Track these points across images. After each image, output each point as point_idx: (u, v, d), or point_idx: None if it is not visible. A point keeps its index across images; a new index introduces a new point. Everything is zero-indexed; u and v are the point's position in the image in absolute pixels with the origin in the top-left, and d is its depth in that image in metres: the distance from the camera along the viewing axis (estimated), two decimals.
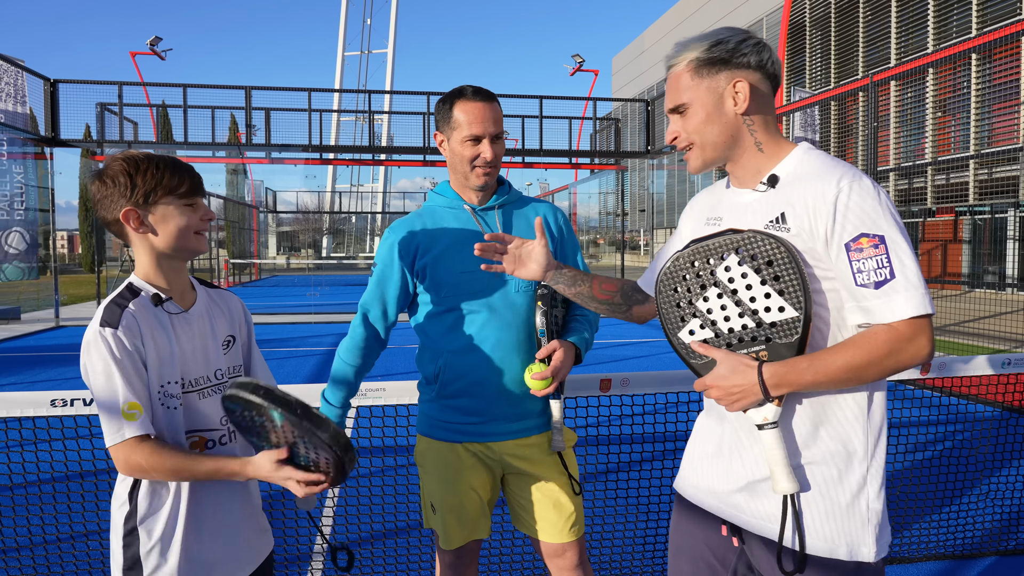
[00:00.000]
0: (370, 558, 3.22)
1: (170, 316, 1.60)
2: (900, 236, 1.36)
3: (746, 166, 1.54)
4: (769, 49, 1.49)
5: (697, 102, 1.50)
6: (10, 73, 12.22)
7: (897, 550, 3.37)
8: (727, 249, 1.42)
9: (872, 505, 1.44)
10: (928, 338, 1.35)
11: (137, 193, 1.54)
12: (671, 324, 1.50)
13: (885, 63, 19.76)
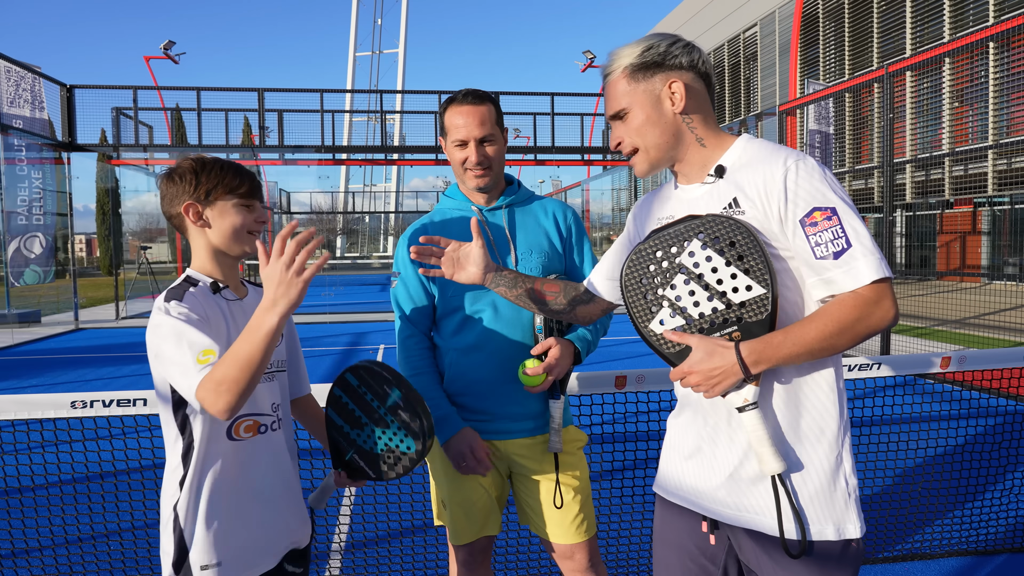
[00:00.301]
0: (387, 556, 3.23)
1: (228, 303, 1.70)
2: (849, 207, 1.41)
3: (691, 162, 1.58)
4: (698, 50, 1.55)
5: (636, 106, 1.55)
6: (27, 80, 12.36)
7: (919, 546, 3.33)
8: (689, 235, 1.45)
9: (851, 481, 1.47)
10: (892, 300, 1.39)
11: (200, 189, 1.66)
12: (640, 316, 1.51)
13: (900, 54, 19.55)
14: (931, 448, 4.32)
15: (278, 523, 1.74)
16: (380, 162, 19.51)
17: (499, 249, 2.09)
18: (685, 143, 1.56)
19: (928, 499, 3.79)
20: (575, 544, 2.13)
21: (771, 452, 1.43)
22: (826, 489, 1.45)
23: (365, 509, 3.68)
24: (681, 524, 1.65)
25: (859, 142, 18.75)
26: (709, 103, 1.57)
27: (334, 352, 10.03)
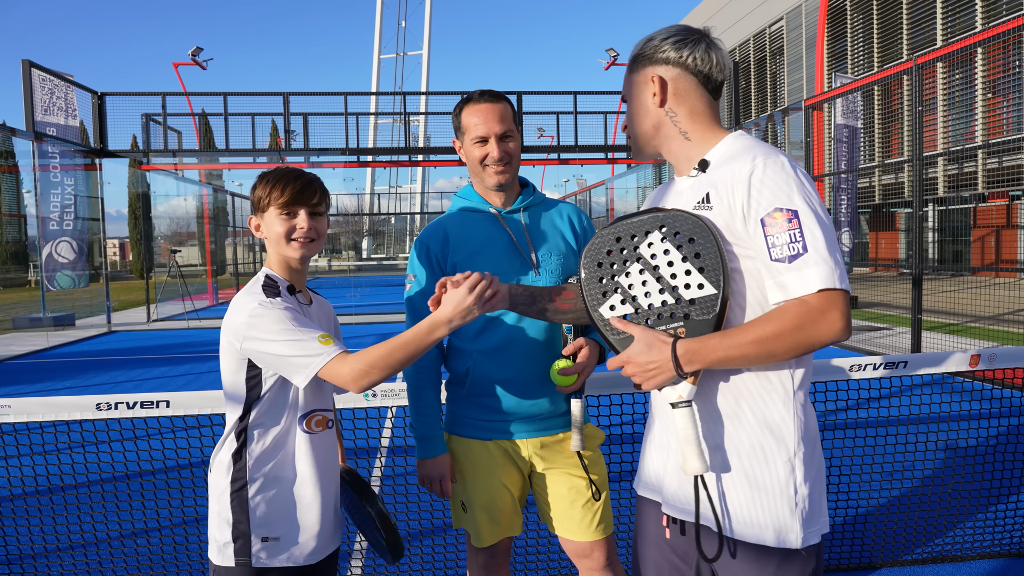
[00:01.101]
0: (407, 557, 3.24)
1: (301, 306, 1.84)
2: (813, 211, 1.37)
3: (677, 155, 1.59)
4: (696, 46, 1.53)
5: (629, 95, 1.62)
6: (61, 88, 12.66)
7: (949, 548, 3.26)
8: (651, 226, 1.47)
9: (800, 491, 1.43)
10: (841, 313, 1.35)
11: (256, 202, 1.82)
12: (592, 299, 1.52)
13: (931, 45, 19.15)
14: (962, 447, 4.22)
15: (331, 517, 1.87)
16: (405, 164, 19.62)
17: (522, 250, 2.09)
18: (667, 135, 1.58)
19: (959, 500, 3.71)
20: (593, 542, 2.13)
21: (695, 453, 1.44)
22: (769, 493, 1.43)
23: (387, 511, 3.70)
24: (652, 517, 1.67)
25: (889, 136, 18.41)
26: (702, 99, 1.55)
27: None
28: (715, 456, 1.48)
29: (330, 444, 1.88)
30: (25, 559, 3.24)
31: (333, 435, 1.90)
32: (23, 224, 33.57)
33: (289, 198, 1.78)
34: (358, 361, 1.63)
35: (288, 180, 1.79)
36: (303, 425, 1.79)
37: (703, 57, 1.53)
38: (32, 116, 11.72)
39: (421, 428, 2.10)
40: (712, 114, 1.57)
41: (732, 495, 1.47)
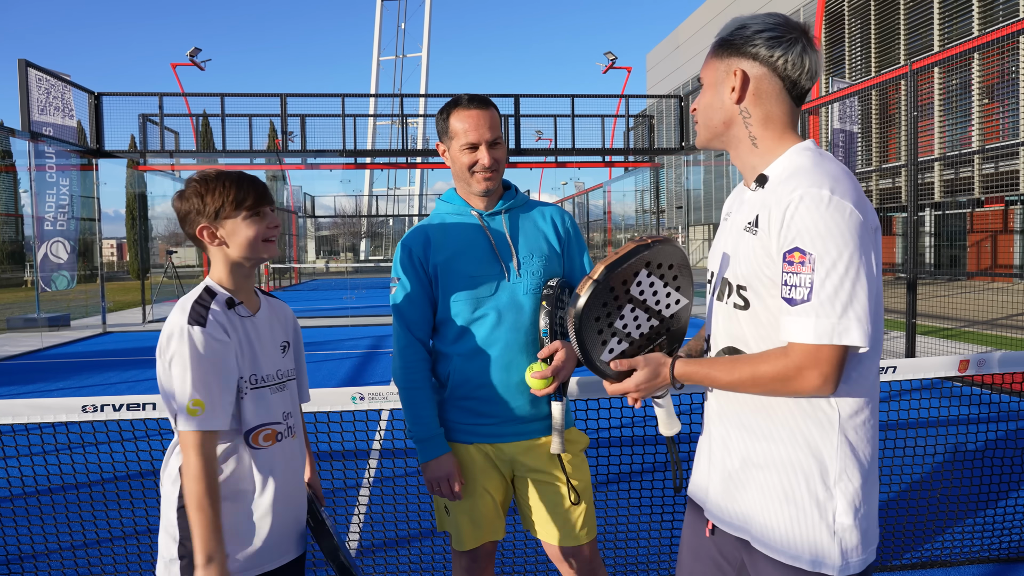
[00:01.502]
0: (383, 563, 3.23)
1: (241, 319, 1.76)
2: (840, 257, 1.29)
3: (743, 160, 1.52)
4: (790, 45, 1.41)
5: (706, 80, 1.52)
6: (57, 88, 12.64)
7: (938, 554, 3.25)
8: (638, 267, 1.46)
9: (840, 519, 1.39)
10: (819, 372, 1.31)
11: (208, 210, 1.71)
12: (593, 350, 1.51)
13: (928, 50, 19.20)
14: (953, 452, 4.21)
15: (289, 527, 1.83)
16: (402, 165, 19.63)
17: (501, 253, 2.08)
18: (735, 137, 1.50)
19: (949, 504, 3.70)
20: (576, 546, 2.13)
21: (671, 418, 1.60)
22: (807, 517, 1.40)
23: (362, 516, 3.68)
24: (698, 519, 1.67)
25: (887, 141, 18.43)
26: (783, 106, 1.46)
27: (355, 355, 10.09)
28: (753, 472, 1.47)
29: (284, 456, 1.81)
30: (12, 561, 3.22)
31: (289, 447, 1.83)
32: (20, 224, 33.50)
33: (255, 199, 1.73)
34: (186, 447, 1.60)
35: (244, 182, 1.73)
36: (249, 441, 1.74)
37: (796, 60, 1.42)
38: (28, 116, 11.70)
39: (419, 431, 2.07)
40: (788, 121, 1.48)
41: (769, 512, 1.44)
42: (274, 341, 1.85)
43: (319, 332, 12.95)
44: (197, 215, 1.72)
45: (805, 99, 1.49)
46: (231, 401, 1.68)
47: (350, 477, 3.93)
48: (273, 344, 1.84)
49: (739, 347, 1.49)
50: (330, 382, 8.01)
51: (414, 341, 2.10)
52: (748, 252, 1.44)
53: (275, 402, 1.80)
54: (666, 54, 41.53)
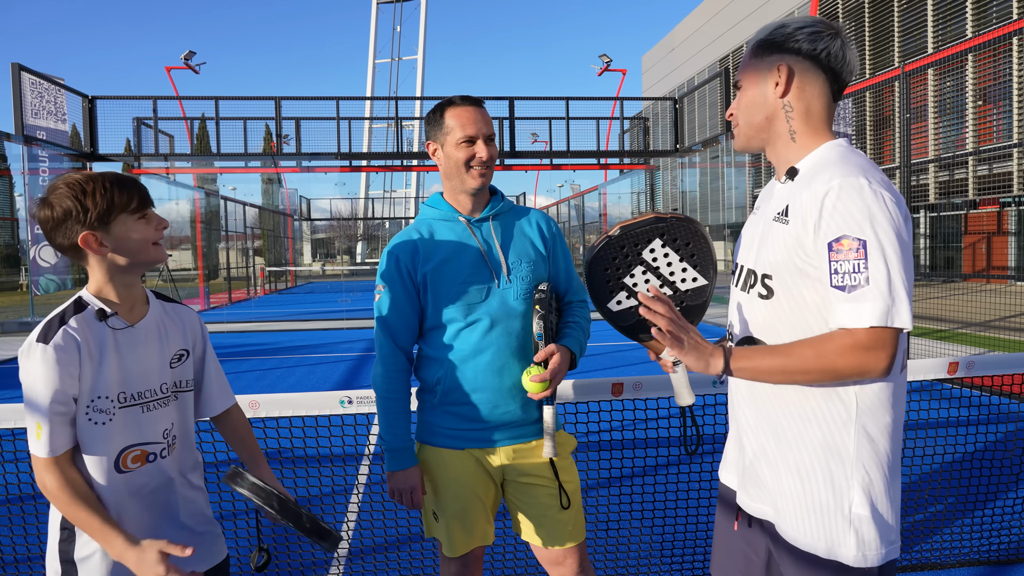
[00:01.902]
0: (372, 568, 3.21)
1: (113, 331, 1.62)
2: (887, 242, 1.33)
3: (779, 154, 1.56)
4: (831, 39, 1.47)
5: (747, 81, 1.55)
6: (51, 92, 12.62)
7: (928, 556, 3.25)
8: (652, 235, 1.61)
9: (856, 510, 1.42)
10: (888, 354, 1.34)
11: (91, 216, 1.55)
12: (600, 297, 1.67)
13: (922, 52, 19.27)
14: (944, 454, 4.22)
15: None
16: (397, 168, 19.62)
17: (490, 259, 2.08)
18: (777, 131, 1.53)
19: (940, 506, 3.70)
20: (566, 549, 2.13)
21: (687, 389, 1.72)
22: (822, 505, 1.44)
23: (362, 519, 3.67)
24: (729, 506, 1.72)
25: (881, 143, 18.48)
26: (822, 99, 1.50)
27: (349, 358, 10.08)
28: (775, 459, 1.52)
29: (159, 477, 1.68)
30: (7, 563, 3.20)
31: (162, 466, 1.68)
32: (15, 228, 33.42)
33: (140, 200, 1.61)
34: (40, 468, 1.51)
35: (123, 185, 1.59)
36: (119, 465, 1.60)
37: (837, 54, 1.47)
38: (22, 119, 11.68)
39: (391, 440, 2.08)
40: (826, 116, 1.52)
41: (789, 498, 1.49)
42: (162, 352, 1.70)
43: (314, 335, 12.93)
44: (76, 222, 1.55)
45: (842, 95, 1.53)
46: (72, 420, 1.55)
47: (338, 483, 3.93)
48: (160, 355, 1.69)
49: (761, 337, 1.52)
50: (324, 385, 7.99)
51: (396, 350, 2.09)
52: (777, 241, 1.47)
53: (151, 420, 1.66)
54: (661, 56, 41.61)
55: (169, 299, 1.82)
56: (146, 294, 1.74)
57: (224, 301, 21.62)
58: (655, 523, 3.49)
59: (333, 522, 3.71)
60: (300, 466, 3.54)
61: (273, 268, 29.59)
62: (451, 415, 2.09)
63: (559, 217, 30.98)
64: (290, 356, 10.30)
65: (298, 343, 11.82)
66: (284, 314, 17.62)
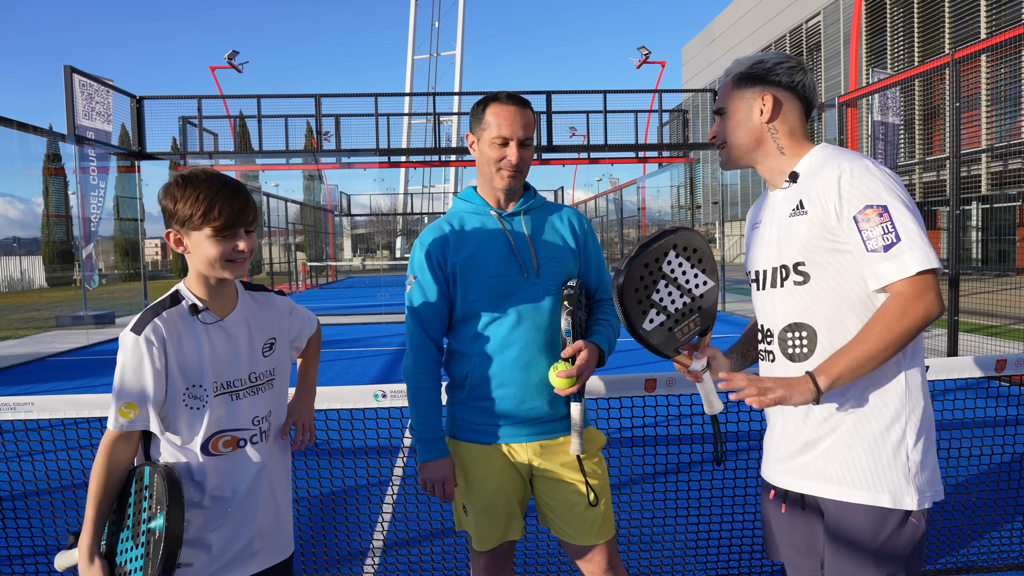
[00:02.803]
0: (406, 560, 3.25)
1: (205, 326, 1.73)
2: (902, 204, 1.55)
3: (771, 168, 1.78)
4: (805, 74, 1.76)
5: (731, 107, 1.79)
6: (101, 92, 13.00)
7: (975, 559, 3.16)
8: (667, 247, 1.71)
9: (912, 456, 1.61)
10: (935, 293, 1.52)
11: (177, 217, 1.66)
12: (636, 320, 1.72)
13: (975, 38, 18.60)
14: (992, 454, 4.09)
15: (250, 535, 1.78)
16: (436, 164, 19.73)
17: (520, 254, 2.08)
18: (765, 149, 1.77)
19: (988, 507, 3.59)
20: (595, 546, 2.13)
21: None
22: (884, 461, 1.60)
23: (384, 515, 3.71)
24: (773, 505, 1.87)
25: (931, 132, 17.92)
26: (801, 120, 1.77)
27: (388, 352, 10.20)
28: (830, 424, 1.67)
29: (250, 462, 1.78)
30: (51, 551, 3.33)
31: (253, 452, 1.79)
32: (69, 225, 34.60)
33: (227, 221, 1.64)
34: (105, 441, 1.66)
35: (222, 198, 1.63)
36: (209, 448, 1.71)
37: (809, 85, 1.77)
38: (73, 120, 12.06)
39: (422, 430, 2.10)
40: (805, 131, 1.78)
41: (848, 458, 1.64)
42: (251, 343, 1.79)
43: (354, 329, 13.12)
44: (169, 217, 1.68)
45: (811, 115, 1.79)
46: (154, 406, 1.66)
47: (372, 476, 3.98)
48: (249, 346, 1.79)
49: (802, 321, 1.69)
50: (363, 379, 8.11)
51: (427, 340, 2.11)
52: (801, 230, 1.67)
53: (240, 407, 1.76)
54: (702, 47, 40.98)
55: (259, 288, 1.91)
56: (235, 288, 1.83)
57: None
58: (689, 520, 3.46)
59: (368, 514, 3.77)
60: (336, 458, 3.60)
61: (314, 263, 30.07)
62: (479, 410, 2.10)
63: (597, 211, 30.79)
64: (330, 350, 10.48)
65: (338, 337, 12.01)
66: (325, 308, 17.90)
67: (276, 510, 1.85)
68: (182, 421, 1.69)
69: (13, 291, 31.35)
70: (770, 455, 1.86)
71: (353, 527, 3.54)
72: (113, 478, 1.67)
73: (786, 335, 1.72)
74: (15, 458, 3.21)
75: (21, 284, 33.89)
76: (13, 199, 36.05)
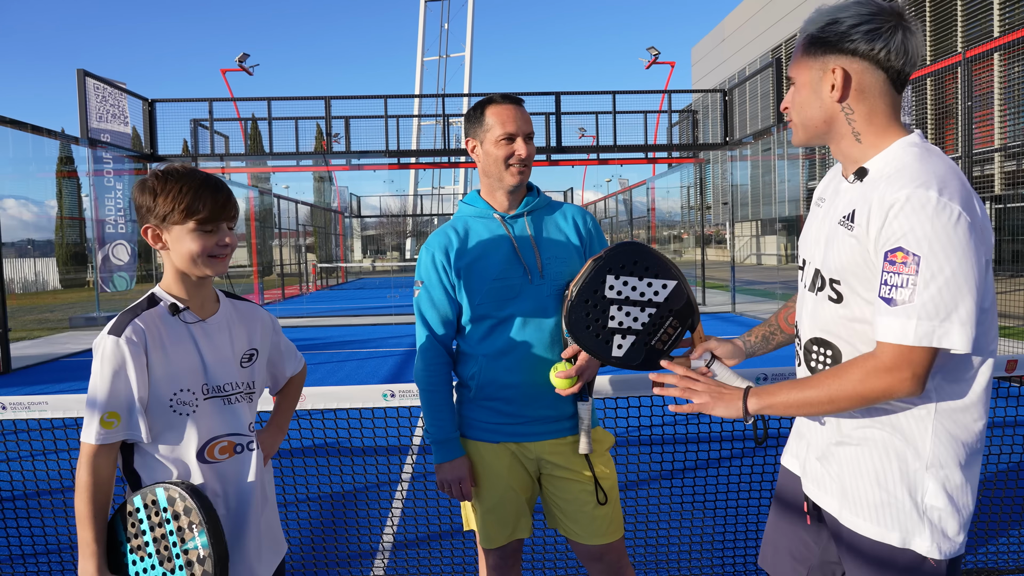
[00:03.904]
0: (416, 559, 3.27)
1: (187, 325, 1.65)
2: (948, 263, 1.27)
3: (845, 154, 1.50)
4: (890, 35, 1.38)
5: (801, 79, 1.49)
6: (113, 96, 13.13)
7: (989, 560, 3.14)
8: (601, 274, 1.70)
9: (929, 501, 1.42)
10: (913, 374, 1.32)
11: (158, 211, 1.59)
12: (602, 352, 1.75)
13: (987, 37, 18.45)
14: (1001, 454, 4.06)
15: (247, 543, 1.72)
16: (446, 165, 19.77)
17: (524, 256, 2.09)
18: (839, 132, 1.48)
19: (1001, 509, 3.56)
20: (603, 545, 2.13)
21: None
22: (896, 498, 1.44)
23: (394, 513, 3.73)
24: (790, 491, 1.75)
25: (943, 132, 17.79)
26: (886, 96, 1.43)
27: (398, 353, 10.23)
28: (847, 449, 1.52)
29: (245, 469, 1.72)
30: (63, 551, 3.37)
31: (247, 459, 1.72)
32: (82, 227, 34.89)
33: (210, 214, 1.59)
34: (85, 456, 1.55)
35: (205, 192, 1.59)
36: (204, 455, 1.63)
37: (898, 50, 1.39)
38: (86, 123, 12.18)
39: (436, 432, 2.11)
40: (892, 113, 1.45)
41: (861, 488, 1.49)
42: (234, 349, 1.72)
43: (364, 330, 13.16)
44: (147, 212, 1.60)
45: (907, 84, 1.45)
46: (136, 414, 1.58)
47: (382, 475, 4.00)
48: (231, 352, 1.72)
49: (828, 339, 1.52)
50: (373, 379, 8.14)
51: (436, 344, 2.13)
52: (843, 247, 1.45)
53: (235, 412, 1.69)
54: (711, 48, 40.86)
55: (238, 297, 1.85)
56: (216, 293, 1.76)
57: (277, 297, 22.17)
58: (705, 519, 3.45)
59: (378, 513, 3.79)
60: (346, 456, 3.62)
61: (325, 264, 30.18)
62: (486, 409, 2.12)
63: (606, 212, 30.76)
64: (340, 351, 10.52)
65: (348, 338, 12.05)
66: (335, 309, 17.97)
67: (271, 512, 1.82)
68: (171, 428, 1.61)
69: (28, 292, 31.67)
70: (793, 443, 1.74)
71: (364, 525, 3.56)
72: (102, 494, 1.57)
73: (811, 347, 1.57)
74: (29, 457, 3.26)
75: (35, 286, 34.22)
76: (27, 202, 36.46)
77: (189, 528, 1.54)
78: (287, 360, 1.95)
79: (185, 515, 1.55)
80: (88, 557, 1.56)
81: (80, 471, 1.56)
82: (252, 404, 1.78)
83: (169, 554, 1.56)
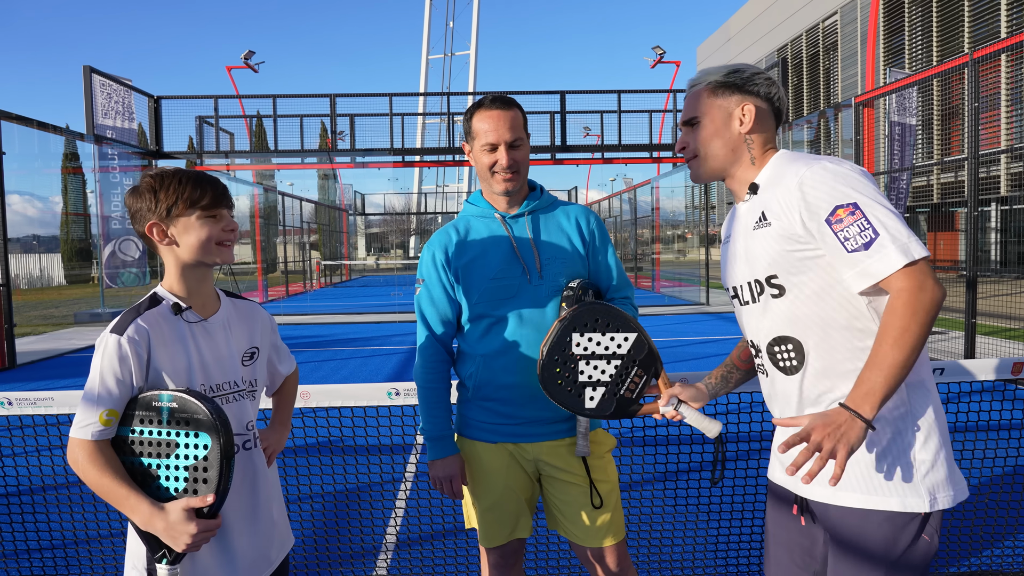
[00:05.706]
0: (419, 557, 3.27)
1: (189, 325, 1.67)
2: (872, 199, 1.50)
3: (740, 179, 1.75)
4: (778, 87, 1.75)
5: (708, 117, 1.74)
6: (119, 92, 13.16)
7: (988, 564, 3.13)
8: (567, 333, 1.83)
9: (919, 456, 1.55)
10: (932, 277, 1.46)
11: (160, 207, 1.62)
12: (575, 406, 1.85)
13: (995, 38, 18.39)
14: (1007, 457, 4.05)
15: (249, 542, 1.72)
16: (450, 163, 19.78)
17: (523, 256, 2.09)
18: (741, 160, 1.73)
19: (1004, 512, 3.56)
20: (604, 548, 2.13)
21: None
22: (891, 465, 1.55)
23: (398, 512, 3.74)
24: (778, 510, 1.82)
25: (949, 133, 17.74)
26: (772, 129, 1.75)
27: (401, 351, 10.24)
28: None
29: (244, 468, 1.72)
30: (68, 546, 3.38)
31: (246, 457, 1.73)
32: (87, 223, 35.01)
33: (212, 200, 1.64)
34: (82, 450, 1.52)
35: (203, 181, 1.65)
36: None
37: (780, 97, 1.75)
38: (92, 119, 12.21)
39: (431, 429, 2.12)
40: (774, 140, 1.77)
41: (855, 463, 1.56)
42: (233, 348, 1.74)
43: (368, 328, 13.17)
44: (148, 211, 1.63)
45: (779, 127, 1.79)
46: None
47: (386, 472, 4.01)
48: (231, 351, 1.73)
49: (785, 334, 1.65)
50: (377, 377, 8.15)
51: (435, 343, 2.14)
52: (765, 245, 1.64)
53: (233, 411, 1.69)
54: (717, 47, 40.79)
55: (237, 296, 1.86)
56: (216, 292, 1.78)
57: (281, 294, 22.21)
58: (699, 522, 3.45)
59: (382, 510, 3.80)
60: (349, 454, 3.63)
61: (329, 262, 30.21)
62: (484, 409, 2.13)
63: (611, 212, 30.73)
64: (344, 348, 10.54)
65: (352, 335, 12.07)
66: (339, 307, 17.99)
67: (277, 505, 1.83)
68: None
69: (33, 288, 31.79)
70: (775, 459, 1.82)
71: (367, 523, 3.56)
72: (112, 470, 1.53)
73: (773, 349, 1.68)
74: (35, 452, 3.27)
75: (40, 281, 34.35)
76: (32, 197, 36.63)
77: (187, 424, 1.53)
78: (283, 360, 1.98)
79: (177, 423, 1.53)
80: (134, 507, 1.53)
81: (85, 471, 1.53)
82: (254, 402, 1.80)
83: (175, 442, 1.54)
